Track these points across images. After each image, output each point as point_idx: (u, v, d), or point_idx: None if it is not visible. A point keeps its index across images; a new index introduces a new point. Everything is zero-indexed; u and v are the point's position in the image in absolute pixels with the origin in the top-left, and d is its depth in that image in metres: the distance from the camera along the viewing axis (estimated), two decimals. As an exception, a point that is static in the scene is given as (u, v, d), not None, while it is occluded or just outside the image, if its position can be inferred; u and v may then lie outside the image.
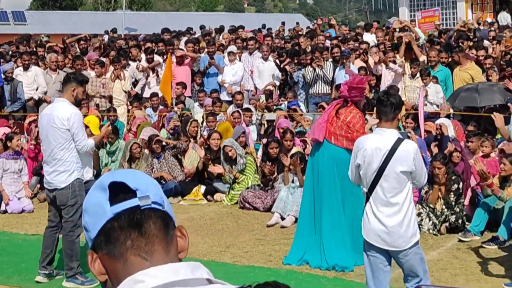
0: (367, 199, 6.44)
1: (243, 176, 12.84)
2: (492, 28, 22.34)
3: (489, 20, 27.24)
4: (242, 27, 23.98)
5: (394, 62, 15.45)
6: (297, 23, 30.57)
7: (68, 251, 8.52)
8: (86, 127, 9.34)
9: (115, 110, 16.02)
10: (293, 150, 12.38)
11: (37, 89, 17.03)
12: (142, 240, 1.73)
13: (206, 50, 18.89)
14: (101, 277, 1.79)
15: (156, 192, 1.78)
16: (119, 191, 1.75)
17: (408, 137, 10.76)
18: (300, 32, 24.22)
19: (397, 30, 18.79)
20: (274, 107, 15.85)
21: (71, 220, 8.47)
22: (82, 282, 8.54)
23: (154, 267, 1.68)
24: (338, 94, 9.75)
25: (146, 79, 17.60)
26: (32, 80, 16.99)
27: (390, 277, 6.58)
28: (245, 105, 16.06)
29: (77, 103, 8.81)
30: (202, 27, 27.18)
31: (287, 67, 17.65)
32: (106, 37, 25.98)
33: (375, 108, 6.60)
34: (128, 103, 17.06)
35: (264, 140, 13.38)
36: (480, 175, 9.12)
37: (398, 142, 6.27)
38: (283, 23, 29.56)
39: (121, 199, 1.74)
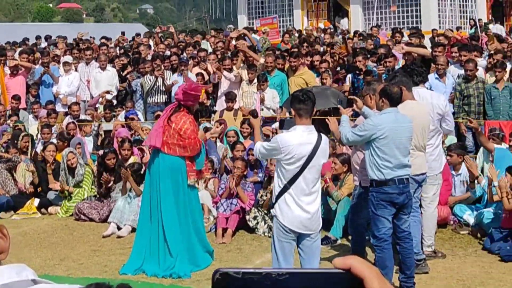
0: (285, 191, 6.95)
1: (78, 189, 12.53)
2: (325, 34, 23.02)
3: (322, 26, 28.05)
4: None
5: (230, 70, 15.52)
6: (138, 34, 30.34)
7: None
8: None
9: None
10: (131, 160, 12.25)
11: None
12: None
13: (40, 60, 18.35)
14: None
15: None
16: None
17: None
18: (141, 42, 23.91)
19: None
20: (113, 117, 15.60)
21: None
22: None
23: None
24: (175, 97, 9.76)
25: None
26: None
27: None
28: (82, 116, 15.73)
29: None
30: (37, 38, 26.54)
31: (128, 76, 17.40)
32: None
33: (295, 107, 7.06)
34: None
35: (101, 152, 13.11)
36: None
37: (320, 136, 7.04)
38: (123, 33, 29.29)
39: None
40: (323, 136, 7.20)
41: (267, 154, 7.32)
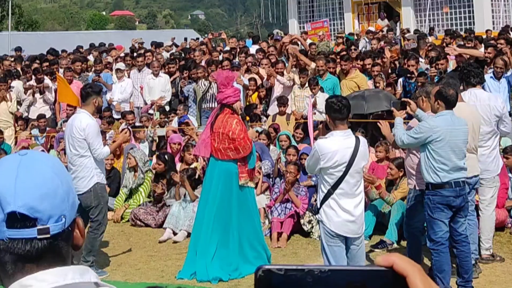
0: (329, 196, 7.03)
1: (135, 194, 12.67)
2: (376, 36, 22.89)
3: (372, 29, 27.92)
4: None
5: (283, 73, 15.51)
6: (185, 38, 30.47)
7: (89, 246, 9.32)
8: None
9: (1, 132, 15.51)
10: (193, 165, 12.32)
11: None
12: (34, 268, 1.68)
13: (93, 68, 18.58)
14: None
15: (59, 214, 1.70)
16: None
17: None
18: (194, 47, 23.98)
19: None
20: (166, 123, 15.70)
21: (97, 219, 9.41)
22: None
23: (42, 271, 1.64)
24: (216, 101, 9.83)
25: (33, 100, 17.15)
26: None
27: None
28: (137, 122, 15.89)
29: (99, 111, 9.41)
30: (91, 46, 26.84)
31: (179, 81, 17.48)
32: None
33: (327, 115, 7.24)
34: (16, 125, 16.61)
35: (154, 158, 13.18)
36: (368, 180, 9.71)
37: (358, 140, 7.11)
38: (185, 39, 29.49)
39: (18, 224, 1.67)
40: (361, 138, 7.31)
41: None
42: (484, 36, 21.79)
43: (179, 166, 12.64)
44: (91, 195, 9.23)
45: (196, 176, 11.81)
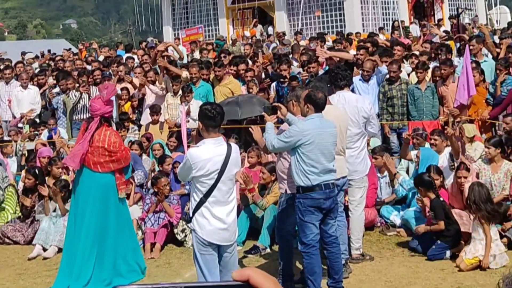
0: (201, 204, 6.99)
1: (1, 211, 12.22)
2: (250, 42, 23.07)
3: (247, 34, 28.12)
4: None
5: (154, 82, 15.35)
6: (48, 50, 29.72)
7: None
8: None
9: None
10: (63, 177, 12.01)
11: None
12: None
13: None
14: None
15: None
16: None
17: None
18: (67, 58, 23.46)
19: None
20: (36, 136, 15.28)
21: None
22: None
23: None
24: (91, 114, 9.44)
25: None
26: None
27: None
28: (5, 137, 15.38)
29: None
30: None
31: (48, 93, 17.02)
32: None
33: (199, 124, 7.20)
34: None
35: (23, 173, 12.76)
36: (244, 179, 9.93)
37: (230, 147, 7.14)
38: (49, 51, 28.79)
39: None
40: (233, 145, 7.34)
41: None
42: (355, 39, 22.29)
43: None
44: None
45: (70, 187, 11.46)
